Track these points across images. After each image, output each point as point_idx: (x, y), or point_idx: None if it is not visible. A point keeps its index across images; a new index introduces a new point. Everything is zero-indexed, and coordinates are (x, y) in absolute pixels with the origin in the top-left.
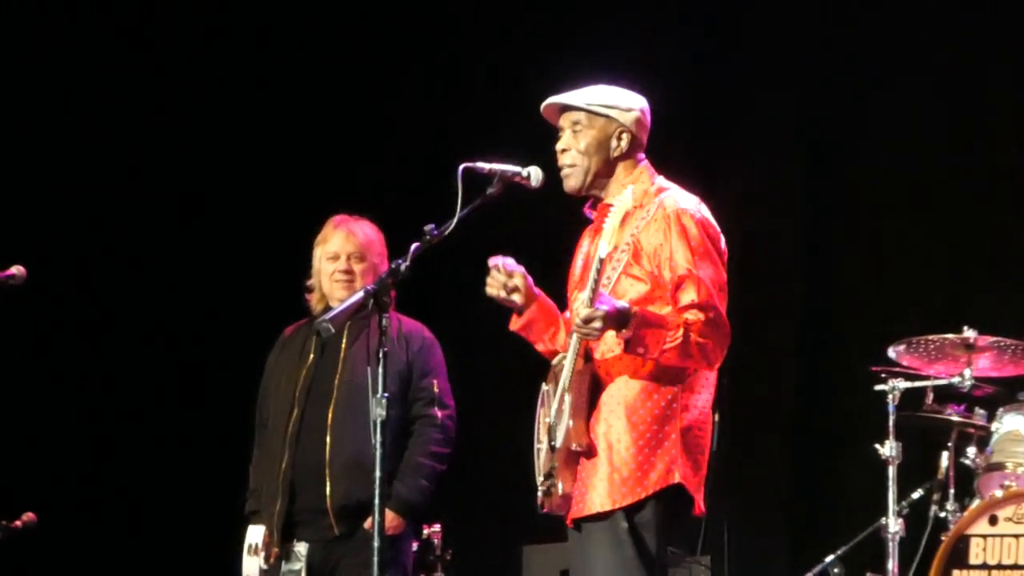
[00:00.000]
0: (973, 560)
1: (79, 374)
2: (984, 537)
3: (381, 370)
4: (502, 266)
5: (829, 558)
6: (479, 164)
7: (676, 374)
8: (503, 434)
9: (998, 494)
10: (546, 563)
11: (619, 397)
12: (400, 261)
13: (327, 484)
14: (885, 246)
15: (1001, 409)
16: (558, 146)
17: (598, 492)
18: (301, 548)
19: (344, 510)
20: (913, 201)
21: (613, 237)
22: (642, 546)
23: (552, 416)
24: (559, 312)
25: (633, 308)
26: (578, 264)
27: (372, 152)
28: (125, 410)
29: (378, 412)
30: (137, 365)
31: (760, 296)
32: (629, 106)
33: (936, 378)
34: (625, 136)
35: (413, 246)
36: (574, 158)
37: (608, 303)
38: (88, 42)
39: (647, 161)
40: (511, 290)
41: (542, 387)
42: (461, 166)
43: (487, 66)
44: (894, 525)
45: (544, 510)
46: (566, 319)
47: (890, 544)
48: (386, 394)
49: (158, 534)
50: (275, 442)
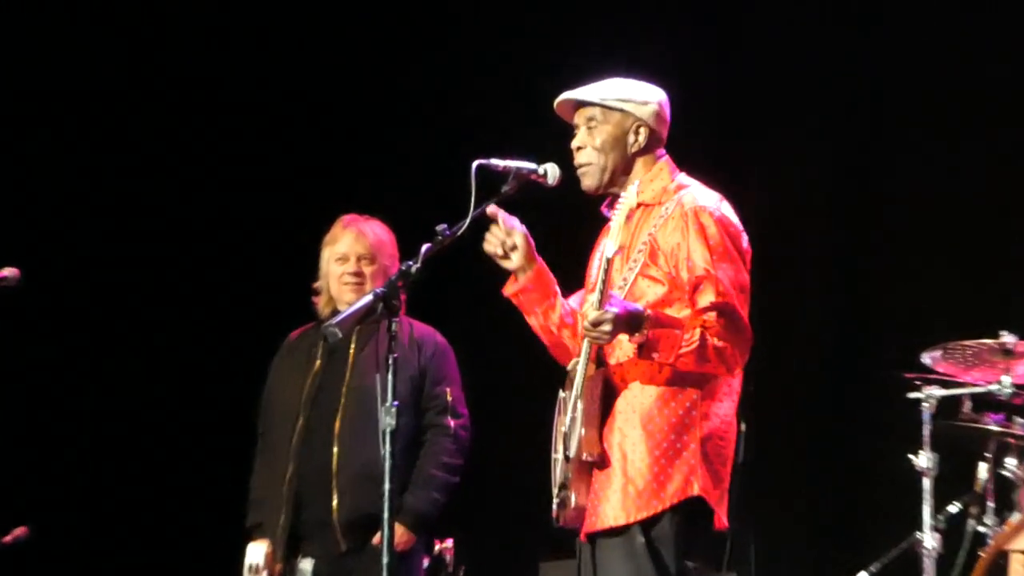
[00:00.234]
0: None
1: (76, 379)
2: None
3: (391, 377)
4: (502, 221)
5: (861, 575)
6: (493, 161)
7: (696, 380)
8: (519, 444)
9: None
10: None
11: (634, 404)
12: (411, 263)
13: (334, 496)
14: (919, 246)
15: None
16: (573, 144)
17: (612, 505)
18: (306, 565)
19: (352, 524)
20: (949, 199)
21: (619, 235)
22: (659, 562)
23: (567, 424)
24: (557, 287)
25: (646, 310)
26: (595, 265)
27: (382, 150)
28: (121, 416)
29: (387, 421)
30: (135, 370)
31: (786, 298)
32: (646, 99)
33: (973, 385)
34: (643, 131)
35: (424, 247)
36: (590, 156)
37: (618, 305)
38: (86, 40)
39: (668, 157)
40: (510, 248)
41: (559, 394)
42: (475, 163)
43: (500, 57)
44: (930, 540)
45: (559, 523)
46: (582, 312)
47: (926, 560)
48: (396, 402)
49: (156, 547)
50: (279, 452)
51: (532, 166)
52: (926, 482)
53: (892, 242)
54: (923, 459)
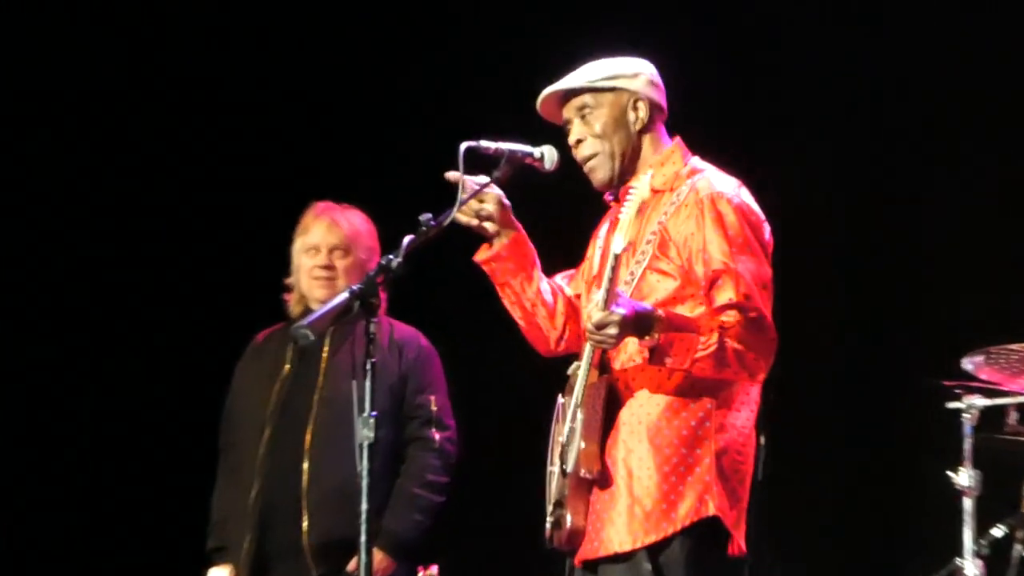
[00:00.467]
0: None
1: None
2: None
3: (369, 384)
4: (465, 185)
5: None
6: (483, 143)
7: (709, 387)
8: (514, 459)
9: None
10: None
11: (640, 415)
12: (392, 257)
13: (304, 517)
14: (960, 240)
15: None
16: (571, 139)
17: (616, 528)
18: None
19: (324, 548)
20: (993, 188)
21: (630, 229)
22: None
23: (565, 435)
24: (537, 260)
25: (657, 310)
26: (596, 256)
27: (361, 134)
28: (71, 431)
29: (365, 434)
30: (87, 376)
31: (809, 299)
32: (635, 71)
33: (1020, 394)
34: (641, 104)
35: (407, 239)
36: (593, 146)
37: (626, 305)
38: (63, 30)
39: (680, 139)
40: (484, 217)
41: (558, 399)
42: (463, 145)
43: (490, 37)
44: (972, 568)
45: (552, 544)
46: (586, 312)
47: None
48: (374, 412)
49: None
50: (243, 467)
51: (527, 149)
52: (967, 502)
53: (929, 236)
54: (964, 477)
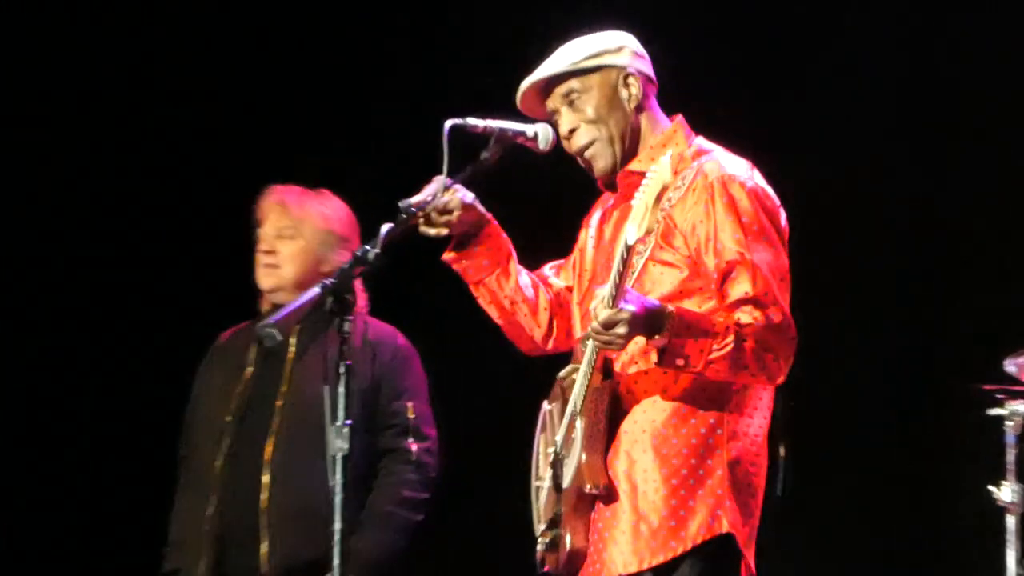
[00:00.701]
0: None
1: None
2: None
3: (343, 389)
4: (433, 208)
5: None
6: (471, 121)
7: (720, 391)
8: (499, 473)
9: None
10: None
11: (645, 423)
12: (368, 247)
13: (263, 539)
14: (1002, 233)
15: None
16: (563, 130)
17: (620, 548)
18: None
19: (287, 573)
20: None
21: (647, 218)
22: None
23: (559, 446)
24: (512, 252)
25: (668, 307)
26: (589, 248)
27: (338, 115)
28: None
29: (338, 445)
30: (45, 379)
31: (837, 295)
32: (618, 44)
33: None
34: (632, 80)
35: (385, 228)
36: (590, 133)
37: (636, 301)
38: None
39: (681, 118)
40: (451, 226)
41: (543, 406)
42: (448, 123)
43: (475, 10)
44: None
45: (546, 568)
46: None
47: None
48: (348, 421)
49: None
50: (200, 481)
51: (519, 127)
52: (1010, 520)
53: (966, 229)
54: (1007, 491)
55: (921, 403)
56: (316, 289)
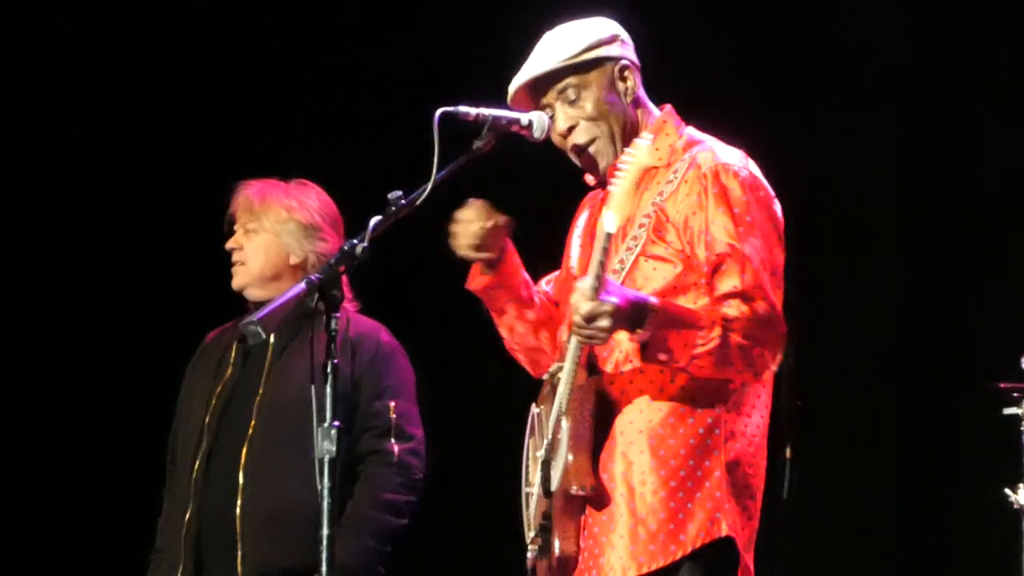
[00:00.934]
0: None
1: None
2: None
3: (330, 390)
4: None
5: None
6: (462, 109)
7: (717, 391)
8: (489, 475)
9: None
10: None
11: (641, 424)
12: (356, 241)
13: (238, 545)
14: (1019, 227)
15: None
16: (561, 127)
17: (619, 553)
18: None
19: None
20: None
21: (626, 204)
22: None
23: (544, 449)
24: (525, 273)
25: (651, 299)
26: (575, 246)
27: (326, 102)
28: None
29: (326, 447)
30: (35, 378)
31: (848, 292)
32: (611, 33)
33: None
34: (628, 72)
35: (373, 220)
36: (590, 131)
37: (618, 293)
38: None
39: (671, 108)
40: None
41: (532, 410)
42: (438, 111)
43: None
44: None
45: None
46: (571, 304)
47: None
48: (336, 423)
49: None
50: (180, 486)
51: (513, 115)
52: None
53: (982, 226)
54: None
55: (936, 403)
56: (301, 285)
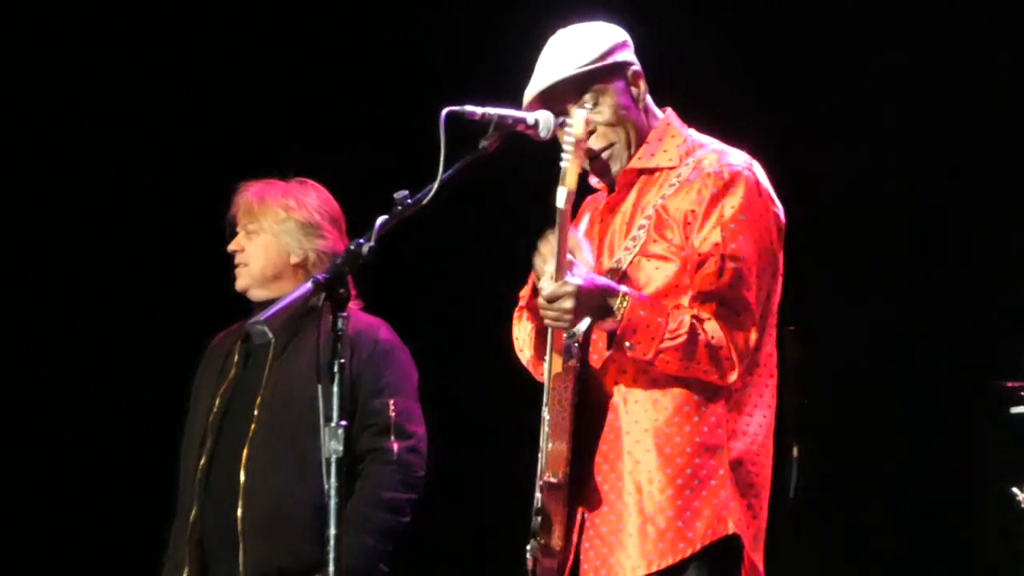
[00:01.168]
0: None
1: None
2: None
3: (337, 389)
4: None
5: None
6: (468, 108)
7: (720, 389)
8: (496, 471)
9: None
10: None
11: (646, 423)
12: (362, 241)
13: (240, 545)
14: (1016, 226)
15: None
16: (577, 133)
17: (628, 552)
18: None
19: None
20: None
21: (569, 176)
22: None
23: (542, 442)
24: None
25: (621, 288)
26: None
27: (331, 102)
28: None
29: (333, 447)
30: (49, 378)
31: (853, 291)
32: (622, 39)
33: None
34: (640, 80)
35: (379, 220)
36: (607, 136)
37: (583, 277)
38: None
39: (671, 111)
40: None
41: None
42: (444, 111)
43: None
44: None
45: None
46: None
47: None
48: (343, 422)
49: None
50: (187, 488)
51: (519, 114)
52: None
53: (988, 225)
54: None
55: (940, 402)
56: (308, 285)
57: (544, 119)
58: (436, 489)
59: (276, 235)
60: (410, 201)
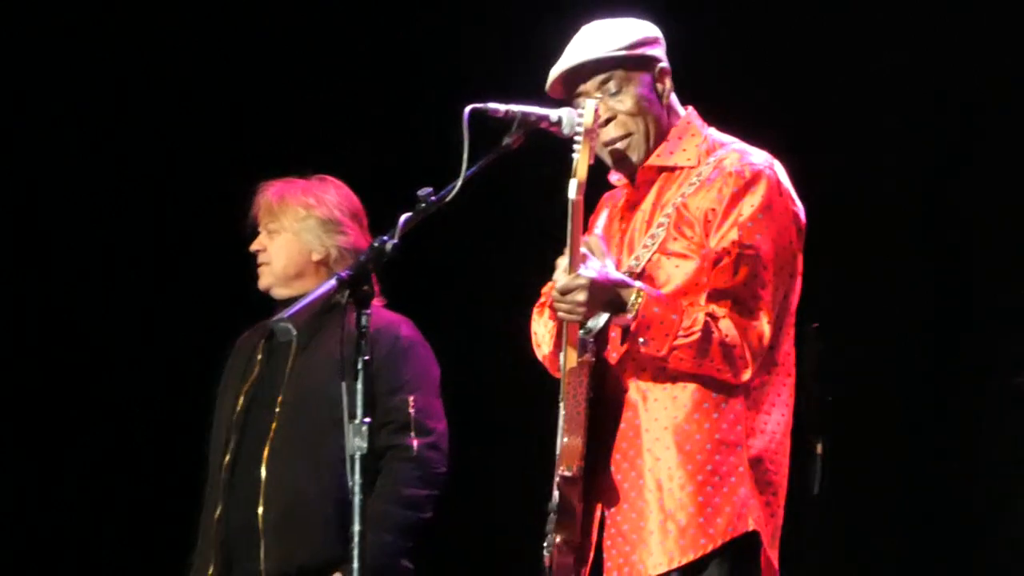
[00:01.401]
0: None
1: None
2: None
3: (360, 386)
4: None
5: None
6: (492, 105)
7: (738, 387)
8: (517, 468)
9: None
10: None
11: (666, 420)
12: (386, 238)
13: (261, 544)
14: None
15: None
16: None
17: (650, 549)
18: None
19: None
20: None
21: (580, 167)
22: None
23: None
24: None
25: (636, 284)
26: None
27: (356, 100)
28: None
29: (357, 443)
30: (74, 381)
31: (878, 287)
32: (655, 35)
33: None
34: (667, 77)
35: (403, 217)
36: (626, 125)
37: (596, 270)
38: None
39: (693, 110)
40: None
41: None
42: (468, 108)
43: None
44: None
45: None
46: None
47: None
48: (367, 419)
49: None
50: (212, 486)
51: (542, 111)
52: None
53: (1002, 221)
54: None
55: (965, 399)
56: (331, 282)
57: (567, 116)
58: (459, 486)
59: (297, 233)
60: (434, 198)
